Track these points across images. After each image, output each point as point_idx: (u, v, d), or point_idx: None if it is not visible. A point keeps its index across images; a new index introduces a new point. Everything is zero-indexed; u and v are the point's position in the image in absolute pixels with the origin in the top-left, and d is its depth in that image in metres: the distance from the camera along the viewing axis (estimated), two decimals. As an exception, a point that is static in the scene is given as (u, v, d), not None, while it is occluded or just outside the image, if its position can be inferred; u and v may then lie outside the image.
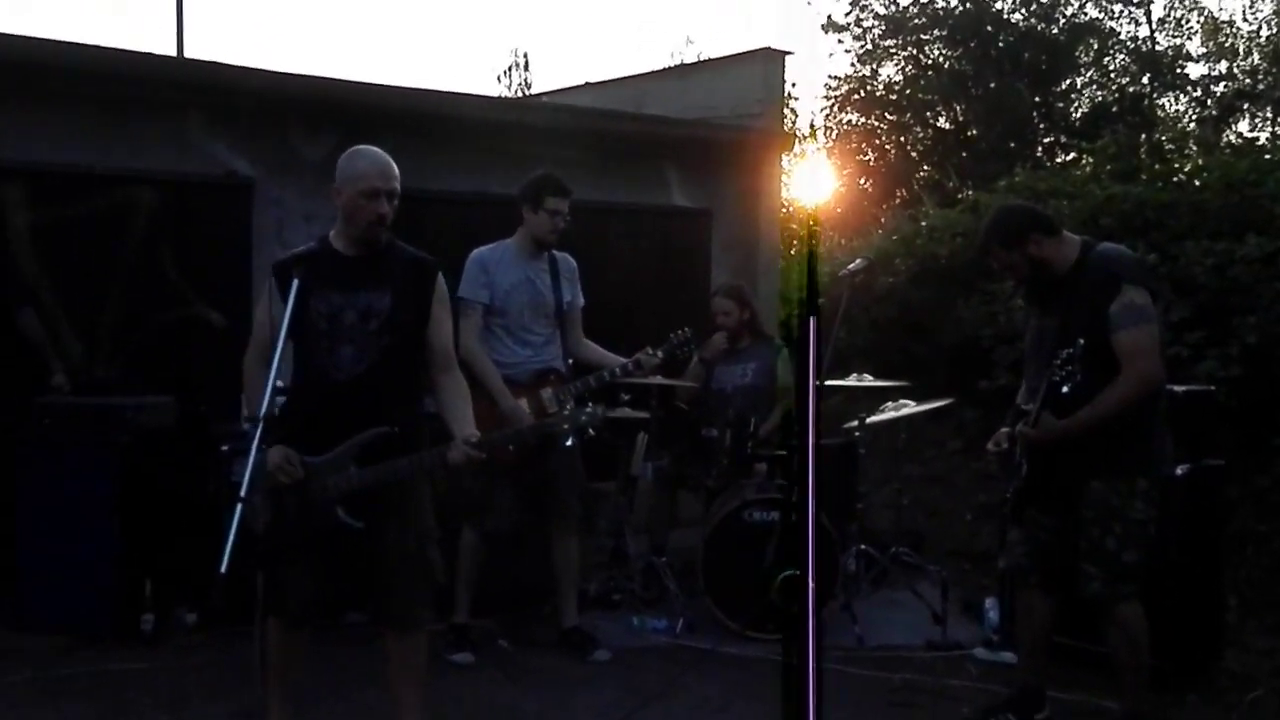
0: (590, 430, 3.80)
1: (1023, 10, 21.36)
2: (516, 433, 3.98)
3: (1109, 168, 8.68)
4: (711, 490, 5.81)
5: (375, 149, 3.59)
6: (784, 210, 9.30)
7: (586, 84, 10.06)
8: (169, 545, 5.11)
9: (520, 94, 26.35)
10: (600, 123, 7.67)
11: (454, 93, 7.99)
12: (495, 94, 25.18)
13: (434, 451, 3.55)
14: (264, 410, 3.18)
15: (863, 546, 6.01)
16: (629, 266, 7.57)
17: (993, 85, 20.46)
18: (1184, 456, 4.58)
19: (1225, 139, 16.65)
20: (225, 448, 5.08)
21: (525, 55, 28.26)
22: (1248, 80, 21.49)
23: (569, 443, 3.92)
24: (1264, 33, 22.33)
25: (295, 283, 3.40)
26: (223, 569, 2.93)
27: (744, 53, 8.63)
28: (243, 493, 3.06)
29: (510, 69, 28.21)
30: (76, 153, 5.93)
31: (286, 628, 3.63)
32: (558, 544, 5.09)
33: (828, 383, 3.77)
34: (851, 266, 3.78)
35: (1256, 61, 21.77)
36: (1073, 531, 4.02)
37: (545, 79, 28.36)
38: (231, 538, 2.98)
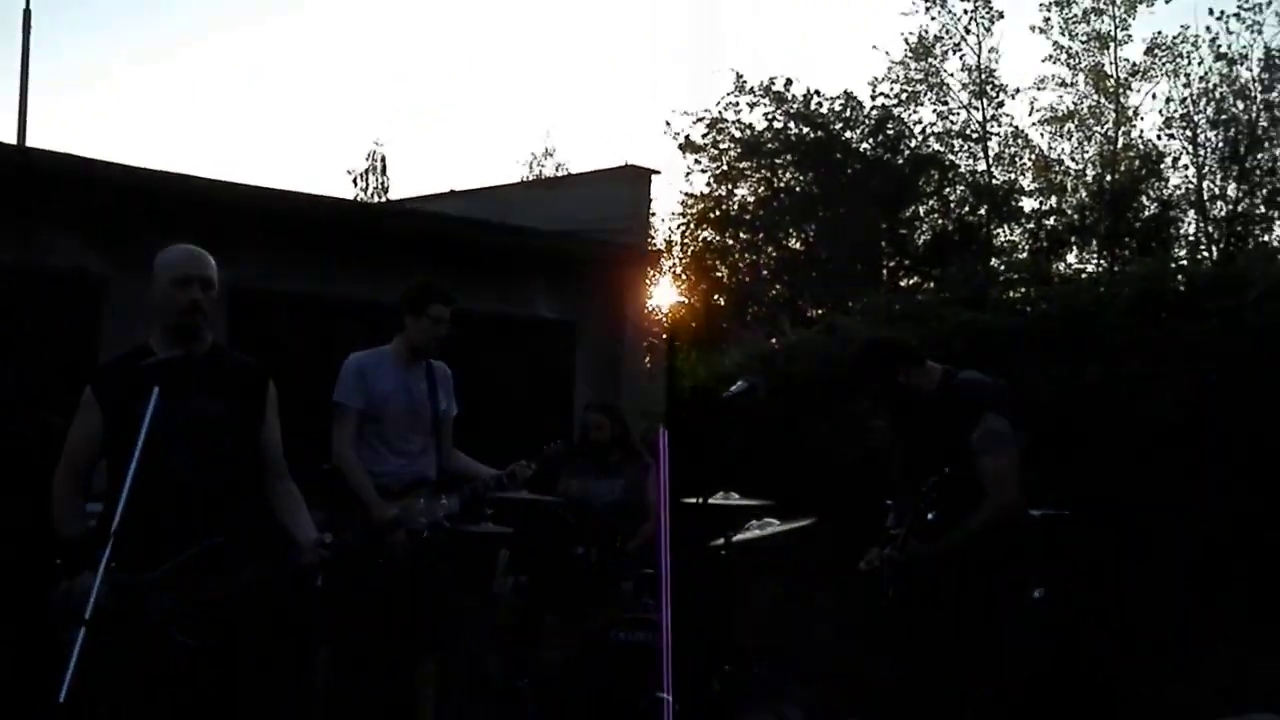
0: (445, 523, 3.72)
1: (870, 140, 22.42)
2: (370, 529, 3.80)
3: (959, 293, 9.03)
4: (576, 609, 5.69)
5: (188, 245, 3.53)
6: (647, 324, 9.42)
7: (451, 191, 10.06)
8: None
9: (376, 198, 26.22)
10: (467, 231, 7.66)
11: (314, 195, 7.90)
12: (350, 196, 24.99)
13: (278, 564, 3.37)
14: (115, 525, 2.97)
15: (727, 667, 5.94)
16: (494, 377, 7.49)
17: (841, 210, 21.30)
18: (1039, 579, 4.70)
19: (1055, 270, 17.62)
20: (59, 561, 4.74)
21: (382, 159, 28.05)
22: (1075, 215, 22.88)
23: (425, 534, 3.82)
24: (1089, 172, 23.91)
25: (155, 391, 3.23)
26: (61, 698, 2.70)
27: (611, 169, 8.81)
28: (88, 613, 2.84)
29: (366, 172, 28.07)
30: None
31: None
32: (417, 663, 4.89)
33: (702, 500, 3.75)
34: (736, 388, 3.80)
35: (1083, 198, 23.22)
36: (941, 649, 4.05)
37: (402, 184, 28.30)
38: (73, 664, 2.75)
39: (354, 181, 27.87)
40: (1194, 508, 5.83)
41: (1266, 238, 21.42)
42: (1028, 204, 23.55)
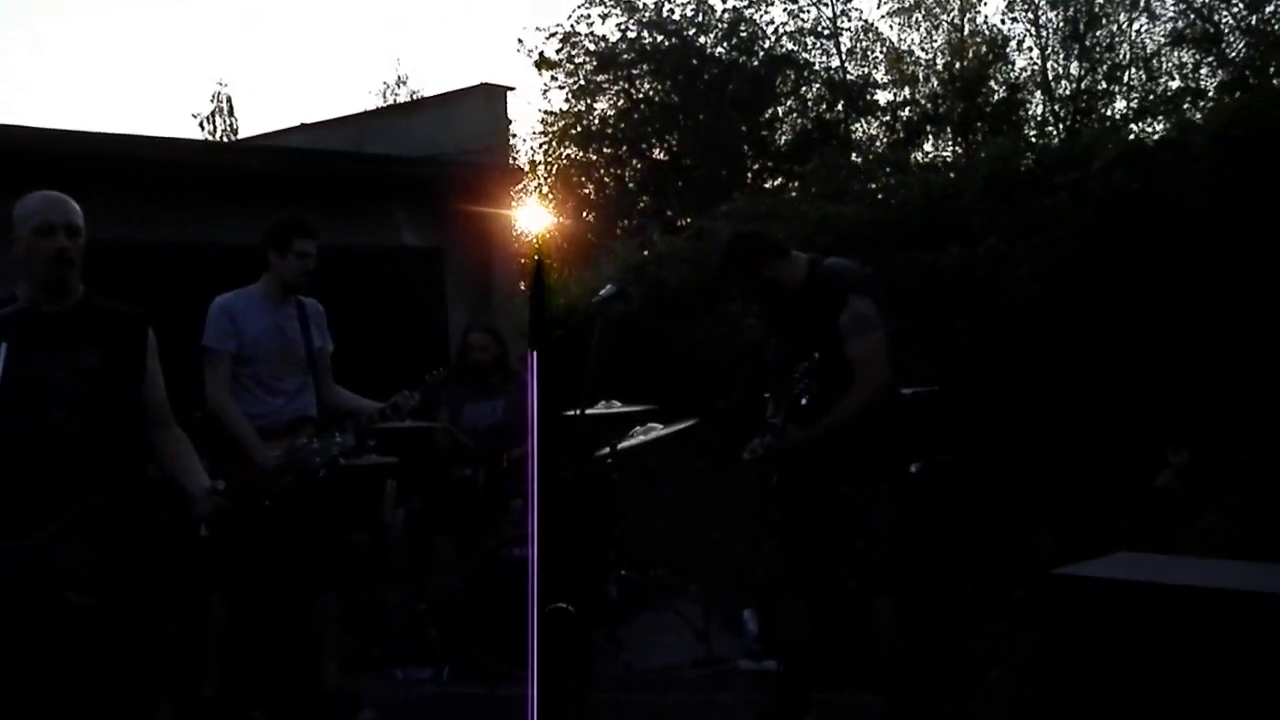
0: (341, 459, 3.68)
1: (724, 44, 22.37)
2: (265, 474, 3.74)
3: (814, 190, 9.14)
4: (468, 530, 5.71)
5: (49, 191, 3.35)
6: (515, 245, 9.33)
7: (302, 125, 9.75)
8: None
9: (226, 139, 25.32)
10: (323, 164, 7.46)
11: (162, 138, 7.59)
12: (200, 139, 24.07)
13: (174, 510, 3.30)
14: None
15: (623, 572, 6.05)
16: (362, 310, 7.35)
17: (701, 116, 21.29)
18: (916, 454, 4.87)
19: (914, 159, 17.97)
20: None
21: (228, 99, 27.00)
22: (928, 104, 23.30)
23: (320, 474, 3.78)
24: (939, 61, 24.33)
25: (4, 346, 3.10)
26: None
27: (465, 89, 8.61)
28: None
29: (213, 114, 27.04)
30: None
31: None
32: (314, 601, 4.85)
33: (580, 412, 3.78)
34: (605, 292, 3.81)
35: (935, 87, 23.63)
36: (824, 536, 4.18)
37: (251, 123, 27.34)
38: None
39: (200, 125, 26.86)
40: (1055, 373, 6.07)
41: (1108, 112, 22.14)
42: (883, 97, 23.91)
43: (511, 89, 8.66)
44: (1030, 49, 23.44)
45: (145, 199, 6.33)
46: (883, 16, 24.76)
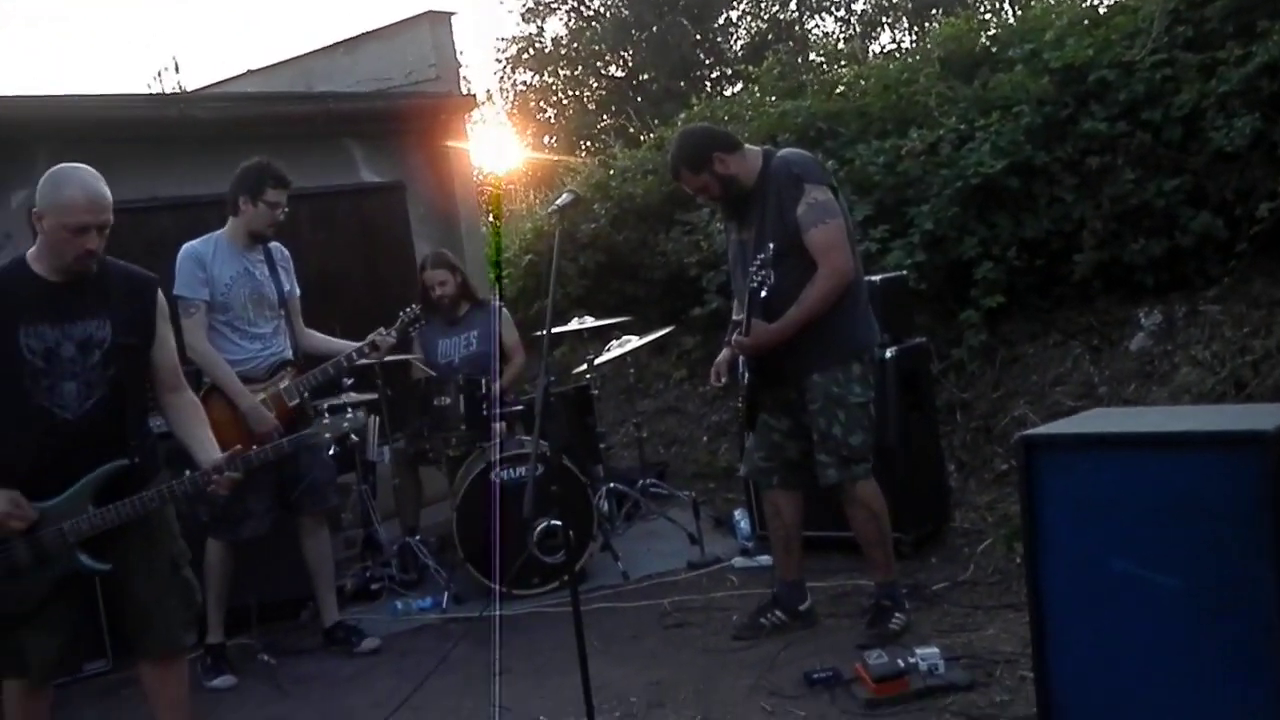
0: (353, 436, 3.72)
1: (673, -48, 22.00)
2: (276, 447, 3.74)
3: (777, 86, 9.05)
4: (454, 459, 5.73)
5: (86, 171, 3.22)
6: (476, 175, 9.22)
7: (249, 72, 9.56)
8: None
9: (177, 97, 24.88)
10: (271, 107, 7.33)
11: (107, 94, 7.45)
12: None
13: (187, 480, 3.31)
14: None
15: (612, 485, 6.11)
16: (327, 250, 7.30)
17: (655, 29, 21.01)
18: (888, 339, 4.90)
19: (871, 52, 17.76)
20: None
21: (174, 59, 26.54)
22: (883, -4, 22.99)
23: (331, 452, 3.83)
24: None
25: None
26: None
27: (409, 19, 8.43)
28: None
29: (159, 74, 26.53)
30: None
31: (29, 690, 3.31)
32: (310, 540, 4.88)
33: (551, 330, 3.77)
34: (560, 201, 3.77)
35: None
36: (802, 426, 4.21)
37: (200, 80, 26.82)
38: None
39: (147, 86, 26.36)
40: (1022, 246, 6.09)
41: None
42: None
43: (454, 14, 8.49)
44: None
45: (94, 159, 6.20)
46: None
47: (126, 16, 43.90)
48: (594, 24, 22.59)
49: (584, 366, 6.12)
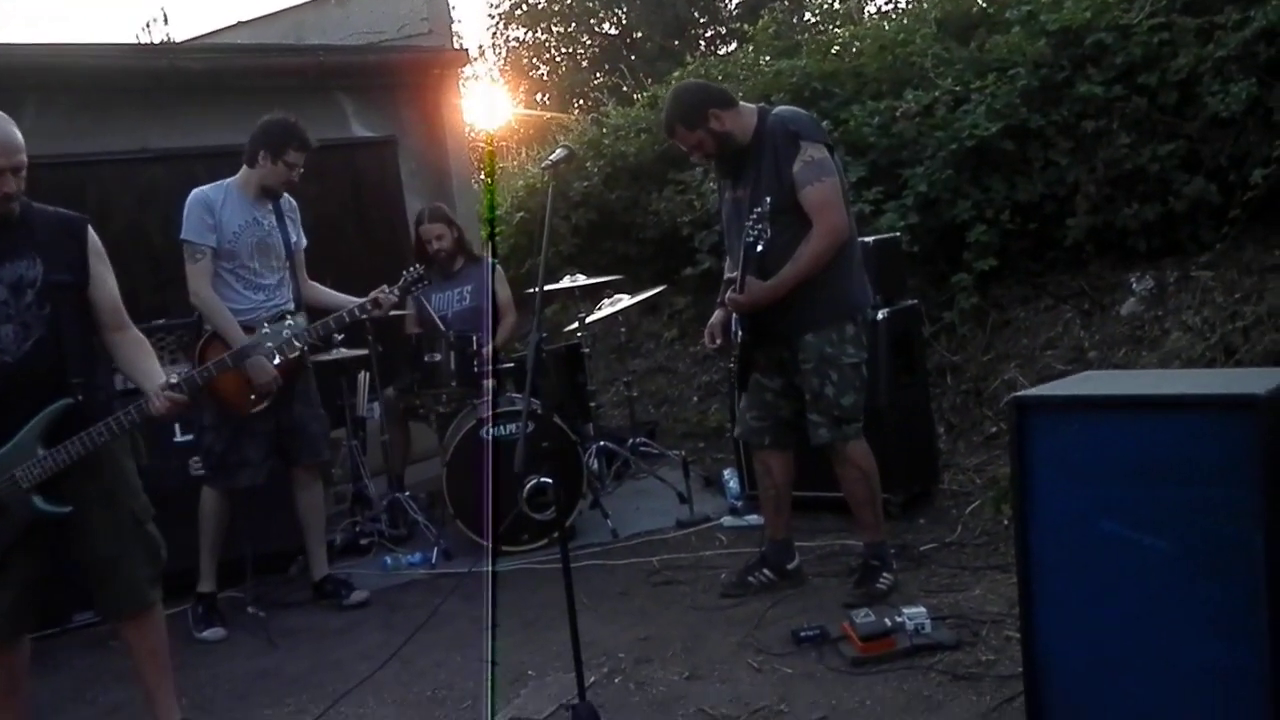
0: (295, 343, 3.68)
1: (669, -93, 21.74)
2: (218, 363, 3.70)
3: (772, 46, 8.99)
4: (444, 416, 5.73)
5: None
6: (468, 131, 9.15)
7: (239, 23, 9.45)
8: None
9: (166, 49, 24.60)
10: (262, 59, 7.25)
11: (95, 43, 7.34)
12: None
13: (130, 409, 3.28)
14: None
15: (602, 443, 6.11)
16: (319, 204, 7.23)
17: (650, -15, 20.83)
18: (880, 301, 4.89)
19: (867, 12, 17.61)
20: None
21: (163, 11, 26.23)
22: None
23: (275, 360, 3.79)
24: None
25: None
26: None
27: (401, -29, 8.34)
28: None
29: (148, 25, 26.24)
30: None
31: None
32: (303, 492, 4.89)
33: (544, 288, 3.75)
34: (554, 156, 3.74)
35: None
36: (794, 386, 4.21)
37: (189, 32, 26.51)
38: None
39: (135, 38, 26.07)
40: (1014, 207, 6.08)
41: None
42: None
43: (447, -35, 8.41)
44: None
45: (83, 109, 6.16)
46: None
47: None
48: (588, -20, 22.37)
49: (575, 325, 6.11)
